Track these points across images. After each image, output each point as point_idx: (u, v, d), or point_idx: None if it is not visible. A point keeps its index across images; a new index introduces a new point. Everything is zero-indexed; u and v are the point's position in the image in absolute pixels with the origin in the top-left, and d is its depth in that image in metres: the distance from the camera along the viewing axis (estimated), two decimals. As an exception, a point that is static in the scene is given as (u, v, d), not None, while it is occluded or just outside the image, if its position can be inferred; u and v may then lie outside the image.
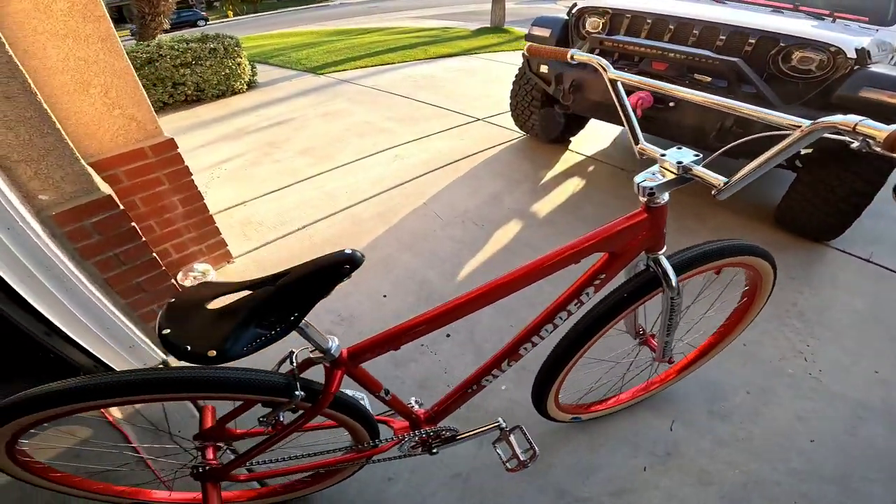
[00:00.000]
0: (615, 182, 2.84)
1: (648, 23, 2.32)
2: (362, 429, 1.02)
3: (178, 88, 4.68)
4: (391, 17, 15.06)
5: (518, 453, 1.13)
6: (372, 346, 0.84)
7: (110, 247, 1.37)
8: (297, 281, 0.69)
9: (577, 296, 0.93)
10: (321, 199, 2.70)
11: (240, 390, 0.77)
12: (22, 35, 1.34)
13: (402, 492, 1.28)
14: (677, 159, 0.79)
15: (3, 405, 0.72)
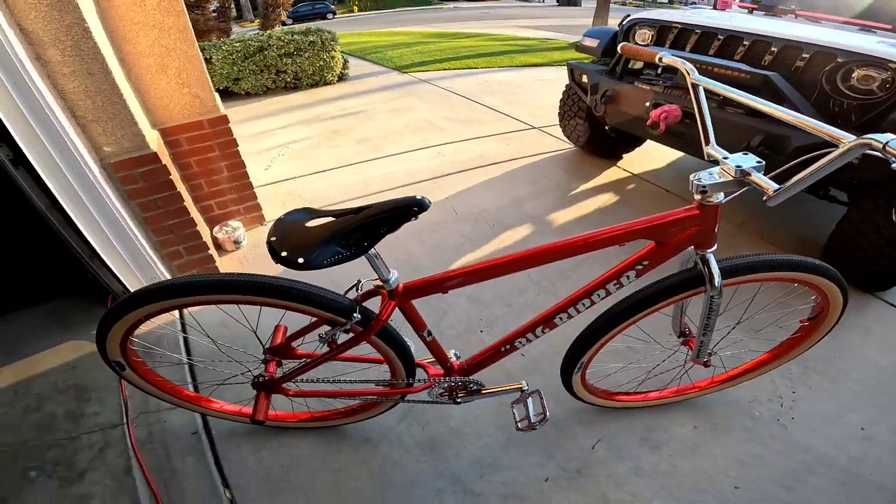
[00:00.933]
0: (653, 202, 2.73)
1: (696, 34, 2.23)
2: (401, 366, 1.14)
3: (280, 76, 5.34)
4: (499, 24, 15.29)
5: (531, 415, 1.23)
6: (424, 285, 0.96)
7: (151, 192, 1.73)
8: (375, 215, 0.84)
9: (617, 277, 0.99)
10: (357, 183, 2.98)
11: (311, 303, 0.93)
12: (122, 24, 1.75)
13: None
14: (737, 163, 0.81)
15: (141, 291, 0.91)
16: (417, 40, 9.78)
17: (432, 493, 1.28)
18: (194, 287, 0.92)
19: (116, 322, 0.98)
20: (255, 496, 1.27)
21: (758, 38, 2.02)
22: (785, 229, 2.43)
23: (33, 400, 1.52)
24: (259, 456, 1.37)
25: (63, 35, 1.41)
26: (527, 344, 1.13)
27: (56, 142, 1.47)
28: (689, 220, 0.91)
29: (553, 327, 1.09)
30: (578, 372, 1.26)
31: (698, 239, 0.93)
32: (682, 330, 1.28)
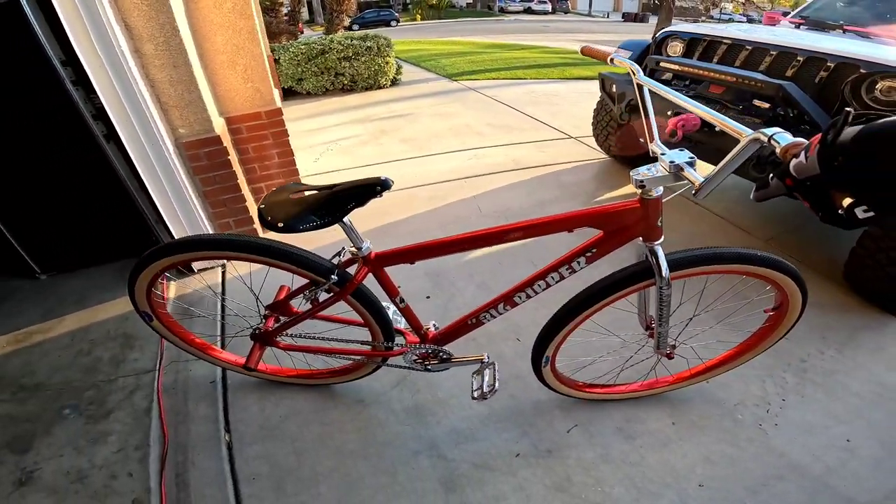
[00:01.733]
0: (674, 213, 2.75)
1: (723, 46, 2.28)
2: (379, 329, 1.27)
3: (338, 78, 5.75)
4: (556, 37, 15.30)
5: (484, 385, 1.33)
6: (394, 255, 1.10)
7: (212, 170, 2.04)
8: (343, 191, 1.00)
9: (568, 262, 1.08)
10: (395, 177, 3.15)
11: (292, 262, 1.10)
12: (203, 24, 2.08)
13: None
14: (671, 159, 0.87)
15: (152, 250, 1.14)
16: (472, 50, 10.05)
17: (409, 454, 1.42)
18: (191, 244, 1.15)
19: (140, 273, 1.21)
20: (250, 440, 1.45)
21: (783, 50, 2.04)
22: (816, 248, 2.37)
23: (86, 345, 1.78)
24: (262, 406, 1.55)
25: (157, 32, 1.73)
26: (491, 319, 1.26)
27: (142, 122, 1.78)
28: (631, 212, 0.99)
29: (514, 305, 1.20)
30: (547, 364, 1.34)
31: (643, 231, 1.00)
32: (648, 323, 1.32)
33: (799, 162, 0.62)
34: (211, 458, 1.38)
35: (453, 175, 3.24)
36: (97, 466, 1.35)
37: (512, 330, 1.89)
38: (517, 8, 36.56)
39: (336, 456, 1.41)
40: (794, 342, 1.79)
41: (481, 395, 1.33)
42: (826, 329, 1.86)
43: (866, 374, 1.65)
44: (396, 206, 2.83)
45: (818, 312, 1.94)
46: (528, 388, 1.62)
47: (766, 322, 1.34)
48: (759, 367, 1.68)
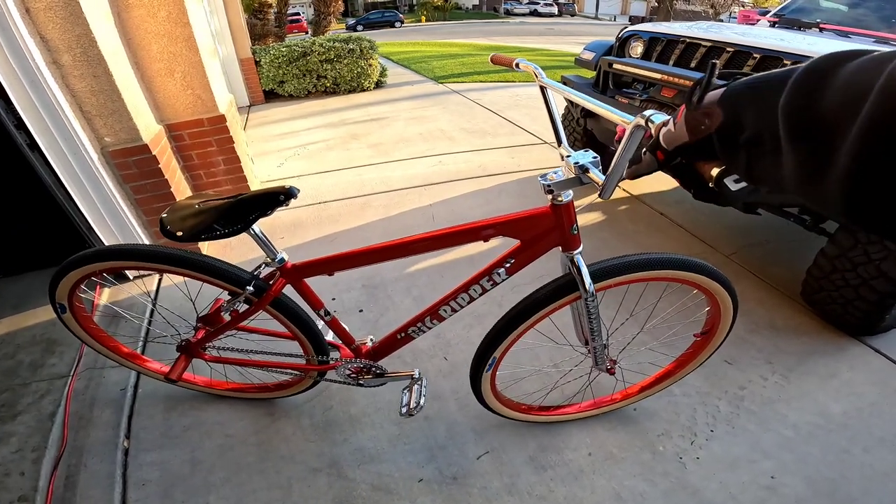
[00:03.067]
0: (640, 224, 2.67)
1: (680, 46, 2.19)
2: (308, 342, 1.26)
3: (321, 80, 5.72)
4: (559, 40, 15.19)
5: (410, 402, 1.29)
6: (311, 266, 1.07)
7: (142, 178, 2.00)
8: (247, 200, 0.98)
9: (488, 274, 1.05)
10: (354, 184, 3.16)
11: (210, 273, 1.10)
12: (137, 33, 2.04)
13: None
14: (576, 160, 0.84)
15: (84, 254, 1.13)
16: (468, 52, 9.98)
17: (307, 471, 1.38)
18: (98, 255, 1.13)
19: (58, 284, 1.20)
20: (148, 447, 1.44)
21: (740, 49, 1.96)
22: (778, 265, 2.28)
23: (11, 349, 1.79)
24: (168, 415, 1.54)
25: (74, 43, 1.69)
26: (421, 333, 1.23)
27: (62, 132, 1.75)
28: (542, 218, 0.95)
29: (441, 319, 1.17)
30: (487, 381, 1.28)
31: (559, 240, 0.97)
32: (586, 338, 1.27)
33: (668, 131, 0.56)
34: (104, 462, 1.39)
35: (414, 182, 3.17)
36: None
37: (441, 348, 1.83)
38: (523, 10, 36.45)
39: (232, 467, 1.39)
40: (738, 367, 1.71)
41: (408, 412, 1.29)
42: (775, 352, 1.77)
43: (810, 404, 1.57)
44: (349, 215, 2.77)
45: (770, 334, 1.86)
46: (444, 409, 1.57)
47: (690, 347, 1.32)
48: (693, 395, 1.61)
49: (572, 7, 38.84)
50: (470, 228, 0.98)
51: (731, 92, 0.48)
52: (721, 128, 0.49)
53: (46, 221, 2.07)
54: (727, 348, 1.79)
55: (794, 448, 1.42)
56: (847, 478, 1.35)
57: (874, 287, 1.60)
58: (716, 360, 1.73)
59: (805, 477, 1.35)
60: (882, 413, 1.52)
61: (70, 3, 1.62)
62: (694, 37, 2.10)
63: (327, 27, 7.11)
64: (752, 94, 0.46)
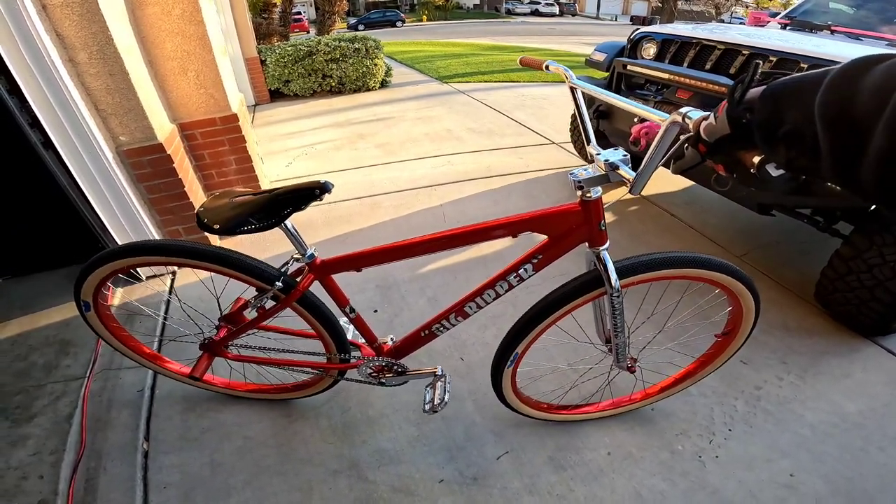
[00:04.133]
0: (651, 225, 2.67)
1: (695, 48, 2.19)
2: (331, 340, 1.25)
3: (326, 80, 5.71)
4: (561, 40, 15.20)
5: (434, 398, 1.29)
6: (340, 261, 1.08)
7: (156, 177, 2.00)
8: (282, 194, 0.98)
9: (515, 270, 1.05)
10: (363, 184, 3.17)
11: (238, 268, 1.09)
12: (152, 31, 2.04)
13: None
14: (606, 157, 0.86)
15: (112, 250, 1.13)
16: (471, 52, 9.98)
17: (328, 473, 1.37)
18: (125, 251, 1.13)
19: (84, 281, 1.19)
20: (167, 449, 1.44)
21: (755, 51, 1.96)
22: (790, 266, 2.28)
23: (24, 350, 1.77)
24: (186, 417, 1.53)
25: (90, 40, 1.69)
26: (445, 330, 1.23)
27: (78, 130, 1.75)
28: (572, 215, 0.96)
29: (465, 316, 1.17)
30: (508, 378, 1.27)
31: (587, 236, 0.98)
32: (607, 336, 1.27)
33: (709, 124, 0.61)
34: (124, 465, 1.38)
35: (423, 182, 3.18)
36: (12, 468, 1.36)
37: (457, 348, 1.83)
38: (524, 10, 36.45)
39: (252, 470, 1.38)
40: (753, 367, 1.72)
41: (432, 409, 1.30)
42: (789, 353, 1.78)
43: (825, 404, 1.57)
44: (360, 215, 2.77)
45: (783, 335, 1.86)
46: (462, 410, 1.57)
47: (726, 329, 1.32)
48: (710, 395, 1.61)
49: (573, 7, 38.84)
50: (501, 224, 0.99)
51: (771, 89, 0.54)
52: (762, 122, 0.54)
53: (57, 221, 2.07)
54: (742, 349, 1.79)
55: (811, 447, 1.43)
56: (864, 476, 1.35)
57: (889, 288, 1.60)
58: (732, 361, 1.72)
59: (823, 475, 1.35)
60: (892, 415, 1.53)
61: (87, 1, 1.62)
62: (709, 39, 2.11)
63: (332, 26, 7.11)
64: (791, 91, 0.51)
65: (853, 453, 1.41)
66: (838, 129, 0.44)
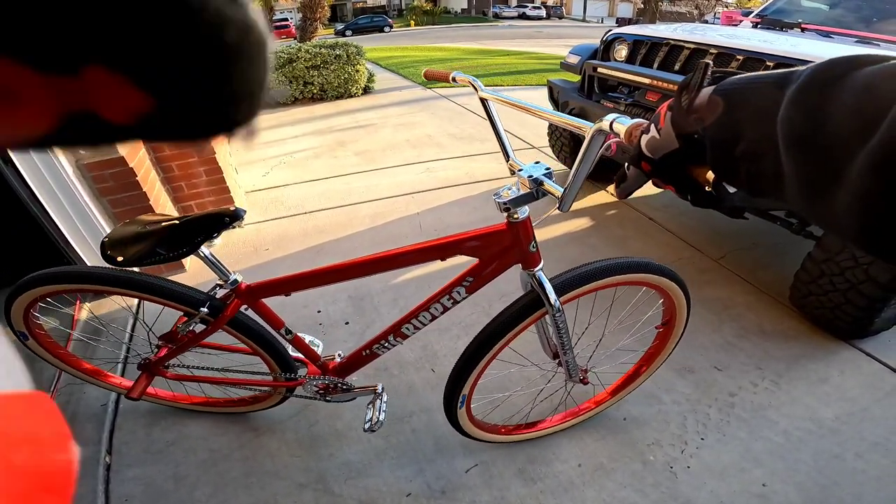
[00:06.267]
0: (629, 229, 2.66)
1: (664, 49, 2.18)
2: (271, 360, 1.24)
3: (307, 87, 5.67)
4: (548, 42, 15.30)
5: (372, 418, 1.26)
6: (266, 287, 1.06)
7: (120, 191, 1.95)
8: (190, 223, 0.96)
9: (447, 293, 1.03)
10: (340, 193, 3.13)
11: (163, 295, 1.07)
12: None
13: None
14: (529, 173, 0.81)
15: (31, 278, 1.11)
16: (456, 56, 10.00)
17: (294, 486, 1.35)
18: (46, 278, 1.09)
19: (12, 304, 1.16)
20: (130, 462, 1.41)
21: (723, 50, 1.95)
22: (766, 269, 2.28)
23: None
24: (150, 430, 1.51)
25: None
26: (385, 350, 1.21)
27: (34, 144, 1.70)
28: (498, 236, 0.92)
29: (404, 337, 1.16)
30: (462, 407, 1.23)
31: (518, 257, 0.95)
32: (553, 351, 1.27)
33: (651, 138, 0.51)
34: (86, 478, 1.36)
35: (401, 190, 3.15)
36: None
37: (428, 359, 1.80)
38: (512, 14, 36.71)
39: (217, 483, 1.37)
40: (727, 373, 1.70)
41: (370, 428, 1.27)
42: (764, 358, 1.77)
43: (800, 409, 1.56)
44: (336, 225, 2.74)
45: (759, 339, 1.85)
46: (432, 422, 1.54)
47: (656, 339, 1.36)
48: (683, 402, 1.60)
49: (560, 10, 39.18)
50: (425, 248, 0.96)
51: (721, 92, 0.43)
52: (714, 138, 0.44)
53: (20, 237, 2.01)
54: (716, 354, 1.78)
55: (785, 455, 1.41)
56: (839, 484, 1.34)
57: (862, 291, 1.59)
58: (705, 367, 1.72)
59: (796, 484, 1.33)
60: (873, 417, 1.52)
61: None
62: (677, 39, 2.10)
63: (314, 33, 7.07)
64: (744, 95, 0.41)
65: (828, 460, 1.40)
66: (806, 155, 0.34)
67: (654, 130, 0.51)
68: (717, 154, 0.44)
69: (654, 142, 0.51)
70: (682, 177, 0.52)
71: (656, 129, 0.51)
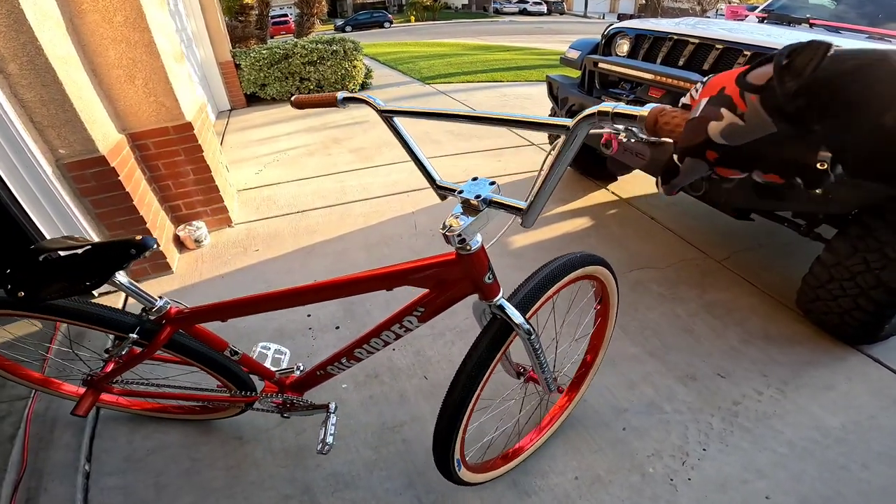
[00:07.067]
0: (630, 230, 2.59)
1: (668, 43, 2.10)
2: (221, 378, 1.20)
3: (304, 83, 5.60)
4: (549, 38, 15.17)
5: (324, 438, 1.20)
6: (199, 313, 1.00)
7: (102, 191, 1.89)
8: (96, 252, 0.88)
9: (398, 321, 0.96)
10: (334, 191, 3.06)
11: (90, 321, 1.02)
12: (93, 39, 1.93)
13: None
14: (475, 193, 0.73)
15: None
16: (455, 52, 9.90)
17: (279, 497, 1.30)
18: None
19: None
20: (111, 470, 1.38)
21: (730, 46, 1.87)
22: (774, 271, 2.19)
23: None
24: (131, 438, 1.47)
25: (20, 51, 1.58)
26: (340, 371, 1.16)
27: (12, 143, 1.64)
28: (447, 268, 0.83)
29: (356, 360, 1.10)
30: (461, 469, 1.13)
31: (472, 289, 0.86)
32: (517, 370, 1.25)
33: (729, 125, 0.45)
34: (65, 486, 1.33)
35: (396, 188, 3.08)
36: (-47, 489, 1.30)
37: (420, 366, 1.74)
38: (512, 9, 36.44)
39: (199, 493, 1.33)
40: (731, 381, 1.64)
41: (320, 451, 1.19)
42: (769, 364, 1.70)
43: (806, 418, 1.50)
44: (329, 224, 2.67)
45: (764, 344, 1.79)
46: (424, 432, 1.49)
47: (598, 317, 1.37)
48: (685, 411, 1.54)
49: (561, 6, 38.90)
50: (368, 278, 0.89)
51: (866, 61, 0.39)
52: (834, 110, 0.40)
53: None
54: (720, 360, 1.72)
55: (789, 466, 1.36)
56: (843, 495, 1.28)
57: (873, 297, 1.53)
58: (708, 374, 1.67)
59: (800, 496, 1.28)
60: (881, 426, 1.46)
61: (13, 11, 1.52)
62: (682, 33, 2.02)
63: (310, 28, 6.99)
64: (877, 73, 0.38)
65: (833, 471, 1.34)
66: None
67: (733, 116, 0.45)
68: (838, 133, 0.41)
69: (734, 128, 0.45)
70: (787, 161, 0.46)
71: (734, 114, 0.45)
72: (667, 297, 2.09)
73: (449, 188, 0.82)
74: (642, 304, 2.04)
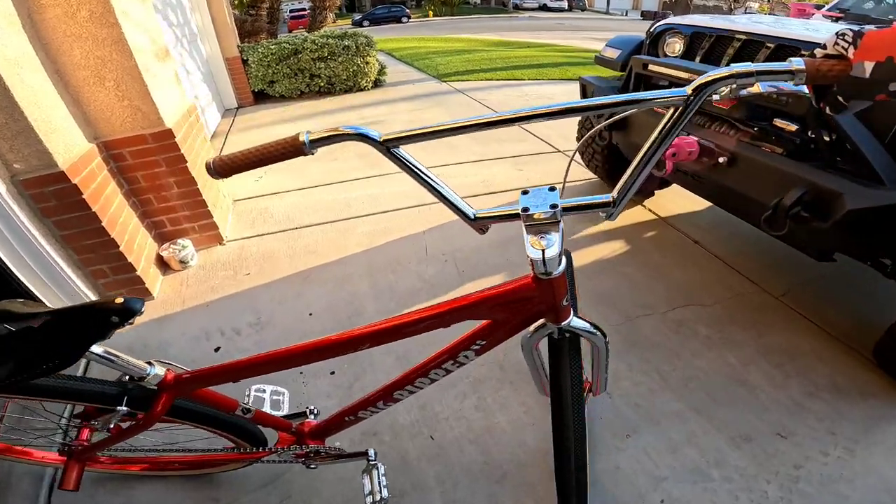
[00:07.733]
0: (671, 256, 2.26)
1: (737, 43, 1.76)
2: (233, 436, 1.08)
3: (314, 80, 5.34)
4: (570, 35, 14.70)
5: (377, 491, 1.09)
6: (201, 378, 0.86)
7: (65, 211, 1.64)
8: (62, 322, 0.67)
9: (453, 357, 0.85)
10: (337, 204, 2.78)
11: (64, 396, 0.85)
12: (55, 36, 1.67)
13: None
14: (551, 203, 0.62)
15: None
16: (474, 48, 9.55)
17: None
18: None
19: None
20: None
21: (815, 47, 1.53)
22: (840, 307, 1.86)
23: None
24: (94, 491, 1.30)
25: (-42, 50, 1.33)
26: (371, 415, 1.03)
27: (-48, 158, 1.39)
28: (522, 295, 0.71)
29: (394, 401, 0.98)
30: None
31: (544, 314, 0.75)
32: (544, 387, 1.14)
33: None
34: None
35: (406, 201, 2.78)
36: None
37: (426, 423, 1.48)
38: (532, 5, 35.71)
39: None
40: (793, 441, 1.37)
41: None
42: (839, 419, 1.42)
43: (877, 481, 1.24)
44: (329, 243, 2.40)
45: (831, 397, 1.49)
46: (427, 503, 1.26)
47: None
48: (736, 479, 1.28)
49: (582, 2, 37.97)
50: (425, 317, 0.74)
51: None
52: None
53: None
54: (780, 417, 1.43)
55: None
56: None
57: None
58: (766, 433, 1.41)
59: None
60: None
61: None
62: (754, 32, 1.68)
63: (323, 22, 6.73)
64: None
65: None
66: None
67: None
68: None
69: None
70: None
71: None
72: (715, 341, 1.77)
73: (498, 216, 0.68)
74: (686, 350, 1.73)
